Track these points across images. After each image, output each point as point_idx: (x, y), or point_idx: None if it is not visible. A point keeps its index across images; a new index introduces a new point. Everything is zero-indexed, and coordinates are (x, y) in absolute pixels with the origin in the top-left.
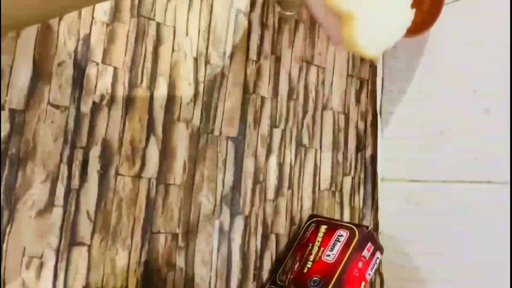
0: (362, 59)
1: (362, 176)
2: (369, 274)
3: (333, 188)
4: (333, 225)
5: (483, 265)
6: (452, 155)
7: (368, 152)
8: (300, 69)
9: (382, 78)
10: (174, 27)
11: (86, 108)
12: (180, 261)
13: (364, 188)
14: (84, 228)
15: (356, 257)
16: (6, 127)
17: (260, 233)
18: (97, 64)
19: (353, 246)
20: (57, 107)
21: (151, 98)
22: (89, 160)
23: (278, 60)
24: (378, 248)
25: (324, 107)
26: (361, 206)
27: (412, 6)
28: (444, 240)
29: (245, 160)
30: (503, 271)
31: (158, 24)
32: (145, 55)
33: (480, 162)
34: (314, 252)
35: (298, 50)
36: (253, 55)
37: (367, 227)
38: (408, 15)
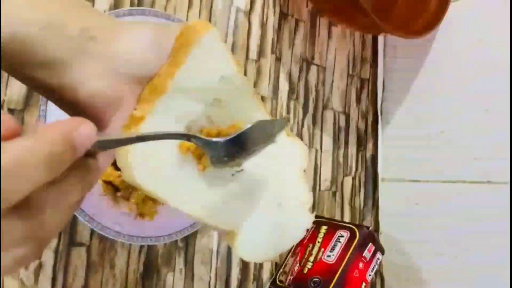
0: (363, 59)
1: (362, 176)
2: (370, 275)
3: (333, 189)
4: (334, 226)
5: (483, 265)
6: (452, 155)
7: (369, 152)
8: (300, 69)
9: (383, 78)
10: None
11: None
12: (180, 261)
13: (365, 188)
14: (83, 229)
15: (356, 257)
16: None
17: None
18: None
19: (353, 246)
20: None
21: None
22: None
23: (278, 59)
24: (379, 248)
25: (325, 107)
26: (361, 206)
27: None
28: (444, 240)
29: None
30: (503, 271)
31: None
32: None
33: (480, 162)
34: (314, 252)
35: (298, 49)
36: (253, 54)
37: (368, 228)
38: (305, 219)
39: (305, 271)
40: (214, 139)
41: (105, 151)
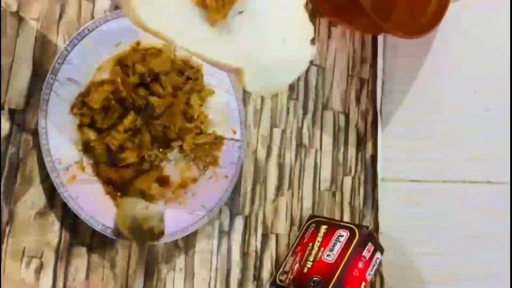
0: (363, 59)
1: (362, 176)
2: (369, 275)
3: (333, 188)
4: (333, 225)
5: (483, 265)
6: (452, 155)
7: (369, 152)
8: None
9: (383, 78)
10: None
11: None
12: (180, 261)
13: (364, 188)
14: (84, 228)
15: (356, 257)
16: (5, 127)
17: (260, 233)
18: None
19: (353, 246)
20: None
21: None
22: None
23: None
24: (379, 248)
25: (324, 107)
26: (361, 206)
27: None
28: (444, 240)
29: (245, 160)
30: (503, 271)
31: None
32: None
33: (480, 162)
34: (314, 252)
35: None
36: None
37: (367, 227)
38: (308, 52)
39: (305, 270)
40: None
41: None
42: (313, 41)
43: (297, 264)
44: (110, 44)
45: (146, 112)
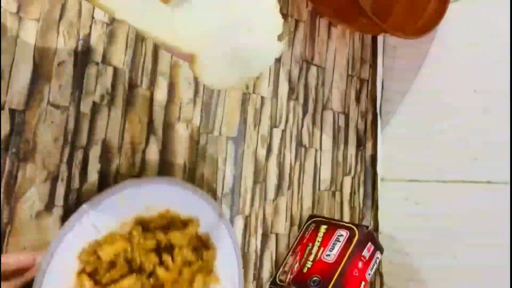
0: (362, 59)
1: (362, 176)
2: (369, 274)
3: (333, 188)
4: (333, 225)
5: (483, 265)
6: (452, 155)
7: (368, 152)
8: (300, 69)
9: (382, 78)
10: None
11: (86, 108)
12: None
13: (364, 188)
14: None
15: (356, 257)
16: (6, 127)
17: (260, 233)
18: (97, 64)
19: (353, 246)
20: (57, 107)
21: (151, 98)
22: (89, 160)
23: (278, 60)
24: (378, 248)
25: (324, 107)
26: (361, 206)
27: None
28: (444, 240)
29: (245, 160)
30: (503, 271)
31: None
32: (145, 55)
33: (480, 162)
34: (314, 252)
35: (298, 50)
36: None
37: (367, 227)
38: (275, 48)
39: (305, 270)
40: None
41: None
42: (280, 38)
43: (297, 264)
44: (141, 204)
45: (149, 279)
